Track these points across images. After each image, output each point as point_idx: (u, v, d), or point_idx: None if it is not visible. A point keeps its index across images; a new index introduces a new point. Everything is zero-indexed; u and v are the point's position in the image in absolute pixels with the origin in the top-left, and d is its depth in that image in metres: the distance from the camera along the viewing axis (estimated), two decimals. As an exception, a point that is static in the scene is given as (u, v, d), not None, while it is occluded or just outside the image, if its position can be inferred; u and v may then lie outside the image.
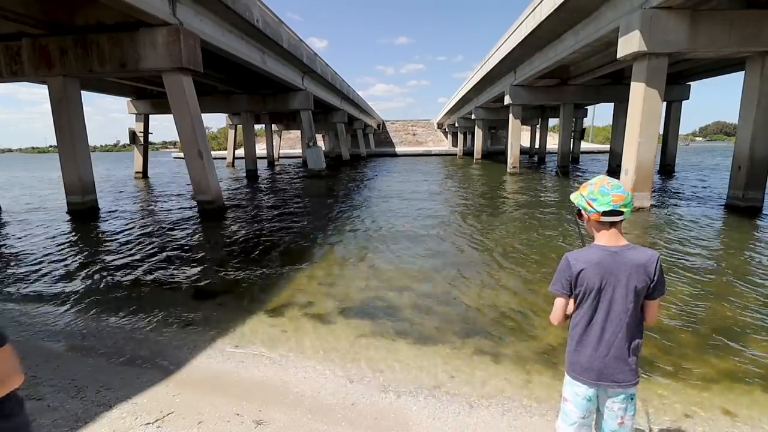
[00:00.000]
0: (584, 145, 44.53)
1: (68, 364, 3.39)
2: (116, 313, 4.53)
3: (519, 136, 23.28)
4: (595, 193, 1.62)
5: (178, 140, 11.47)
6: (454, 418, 2.68)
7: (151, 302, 4.86)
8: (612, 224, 1.62)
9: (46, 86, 10.80)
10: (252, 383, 3.11)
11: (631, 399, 1.67)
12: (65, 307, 4.72)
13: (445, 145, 62.47)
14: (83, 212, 11.12)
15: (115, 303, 4.84)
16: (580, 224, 1.85)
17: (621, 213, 1.60)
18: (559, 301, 1.70)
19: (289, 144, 62.98)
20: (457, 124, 45.46)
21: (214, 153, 15.14)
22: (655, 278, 1.57)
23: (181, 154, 17.88)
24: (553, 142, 41.05)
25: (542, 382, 3.09)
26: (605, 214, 1.60)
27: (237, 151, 36.38)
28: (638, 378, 1.65)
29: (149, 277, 5.77)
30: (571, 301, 1.71)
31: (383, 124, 68.70)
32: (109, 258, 6.85)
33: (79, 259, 6.83)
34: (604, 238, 1.64)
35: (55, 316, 4.47)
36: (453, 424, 2.61)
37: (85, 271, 6.16)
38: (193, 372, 3.29)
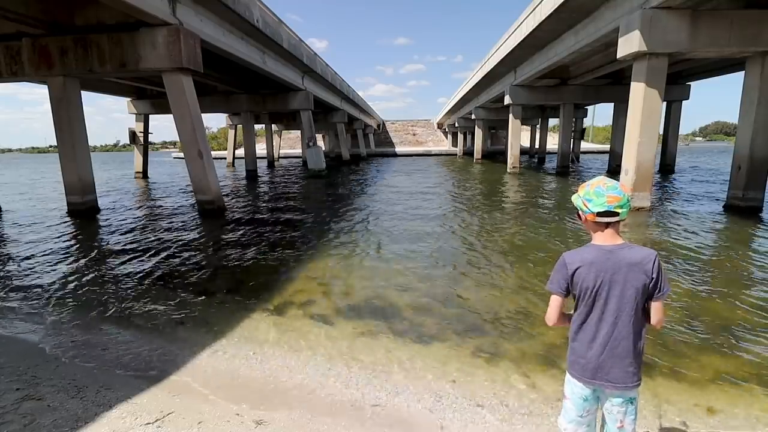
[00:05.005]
0: (584, 145, 44.55)
1: (68, 365, 3.39)
2: (116, 313, 4.53)
3: (519, 136, 23.28)
4: (590, 193, 1.62)
5: (178, 140, 11.47)
6: (455, 418, 2.68)
7: (151, 302, 4.85)
8: (608, 225, 1.62)
9: (46, 86, 10.80)
10: (252, 383, 3.11)
11: (631, 402, 1.65)
12: (64, 307, 4.72)
13: (445, 145, 62.46)
14: (83, 212, 11.11)
15: (115, 303, 4.84)
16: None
17: (616, 214, 1.59)
18: (554, 300, 1.70)
19: (289, 144, 62.97)
20: (457, 124, 45.45)
21: (214, 153, 15.15)
22: (654, 277, 1.55)
23: (181, 154, 17.90)
24: (553, 142, 41.05)
25: (545, 381, 3.09)
26: (600, 214, 1.60)
27: (237, 151, 36.36)
28: (638, 381, 1.61)
29: (149, 278, 5.77)
30: (567, 300, 1.71)
31: (383, 124, 68.70)
32: (108, 258, 6.85)
33: (79, 259, 6.83)
34: (600, 238, 1.64)
35: (54, 317, 4.46)
36: (454, 425, 2.61)
37: (85, 271, 6.16)
38: (194, 372, 3.28)
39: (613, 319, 1.59)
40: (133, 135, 23.80)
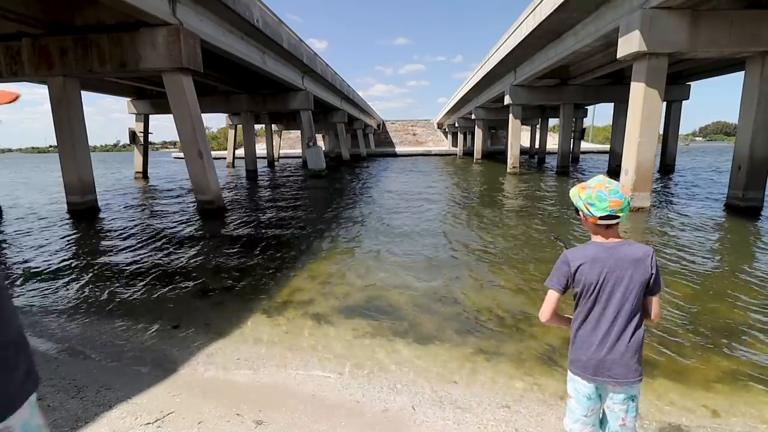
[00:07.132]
0: (584, 145, 44.54)
1: (68, 365, 3.39)
2: (116, 314, 4.53)
3: (519, 136, 23.28)
4: (592, 197, 1.63)
5: (178, 140, 11.47)
6: (455, 418, 2.67)
7: (151, 303, 4.86)
8: (609, 226, 1.65)
9: (46, 86, 10.80)
10: (252, 383, 3.11)
11: (633, 400, 1.66)
12: (64, 308, 4.72)
13: (445, 145, 62.44)
14: (83, 212, 11.11)
15: (115, 303, 4.84)
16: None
17: (618, 217, 1.62)
18: (551, 296, 1.71)
19: (289, 144, 62.95)
20: (457, 124, 45.44)
21: (214, 153, 15.15)
22: (653, 272, 1.60)
23: (181, 154, 17.90)
24: (553, 142, 41.06)
25: (546, 381, 3.09)
26: (602, 218, 1.62)
27: (237, 151, 36.36)
28: (640, 376, 1.62)
29: (149, 278, 5.77)
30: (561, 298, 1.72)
31: (383, 124, 68.69)
32: (108, 258, 6.85)
33: (79, 259, 6.82)
34: (601, 237, 1.67)
35: (55, 317, 4.46)
36: (454, 425, 2.60)
37: (85, 271, 6.16)
38: (194, 372, 3.28)
39: (614, 315, 1.61)
40: (133, 135, 23.81)
